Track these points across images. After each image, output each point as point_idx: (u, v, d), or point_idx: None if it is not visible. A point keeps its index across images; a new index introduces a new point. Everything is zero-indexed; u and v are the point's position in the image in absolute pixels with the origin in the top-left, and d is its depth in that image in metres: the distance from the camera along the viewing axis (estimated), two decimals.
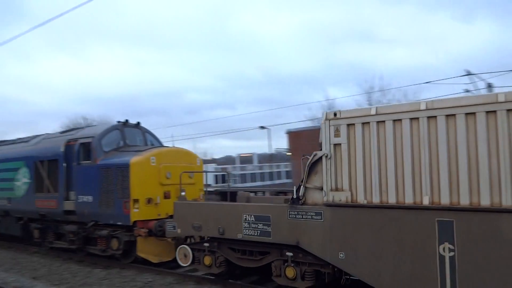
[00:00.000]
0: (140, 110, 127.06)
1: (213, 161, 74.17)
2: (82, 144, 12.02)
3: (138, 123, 13.07)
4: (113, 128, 12.34)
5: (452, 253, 6.00)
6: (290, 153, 54.21)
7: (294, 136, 34.98)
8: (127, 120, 12.71)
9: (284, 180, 65.52)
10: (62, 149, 12.47)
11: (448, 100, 6.25)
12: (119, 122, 12.75)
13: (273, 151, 74.04)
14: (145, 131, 13.21)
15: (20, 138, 16.30)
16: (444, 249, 6.04)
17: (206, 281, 9.26)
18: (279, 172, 70.26)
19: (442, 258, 6.07)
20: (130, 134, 12.64)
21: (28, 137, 15.65)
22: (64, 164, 12.35)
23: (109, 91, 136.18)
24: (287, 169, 66.96)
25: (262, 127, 35.47)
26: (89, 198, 11.55)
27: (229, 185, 27.78)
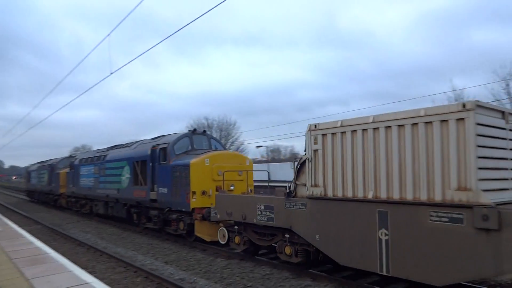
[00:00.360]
0: (254, 109, 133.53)
1: None
2: (161, 148, 15.55)
3: (204, 131, 16.22)
4: (184, 136, 15.66)
5: (387, 237, 7.46)
6: None
7: None
8: (195, 129, 15.93)
9: None
10: (149, 152, 16.24)
11: (386, 114, 7.69)
12: (189, 131, 16.00)
13: None
14: (210, 137, 16.25)
15: (126, 143, 20.89)
16: (381, 234, 7.55)
17: (322, 278, 9.30)
18: None
19: (380, 241, 7.58)
20: (198, 140, 15.80)
21: (131, 142, 20.07)
22: (150, 164, 16.10)
23: (226, 92, 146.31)
24: None
25: None
26: (165, 190, 15.00)
27: None
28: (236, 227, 11.66)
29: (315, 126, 9.13)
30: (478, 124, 6.41)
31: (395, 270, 7.40)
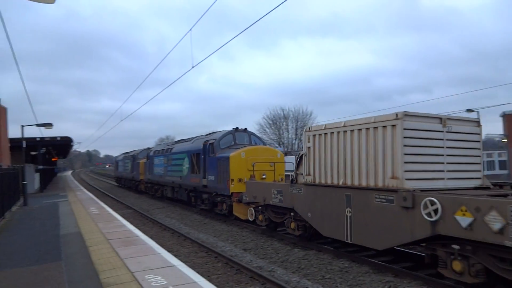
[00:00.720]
0: (330, 98, 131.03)
1: None
2: (210, 143, 18.95)
3: (245, 129, 19.18)
4: (228, 133, 18.88)
5: (350, 214, 9.75)
6: (506, 139, 46.23)
7: None
8: (237, 127, 19.02)
9: (497, 172, 57.02)
10: (201, 146, 19.75)
11: (353, 120, 9.98)
12: (233, 129, 19.07)
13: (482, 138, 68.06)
14: (250, 134, 19.21)
15: (188, 138, 24.73)
16: (347, 211, 9.86)
17: (405, 274, 8.86)
18: (490, 161, 60.34)
19: (346, 217, 9.92)
20: (240, 137, 18.85)
21: (190, 138, 23.85)
22: (202, 156, 19.59)
23: (301, 83, 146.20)
24: (501, 158, 58.01)
25: (470, 110, 31.75)
26: (213, 178, 18.35)
27: None
28: (259, 207, 14.57)
29: (309, 128, 11.61)
30: (405, 129, 8.58)
31: (354, 239, 9.80)
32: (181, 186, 22.88)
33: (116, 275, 7.11)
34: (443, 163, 9.03)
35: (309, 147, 11.58)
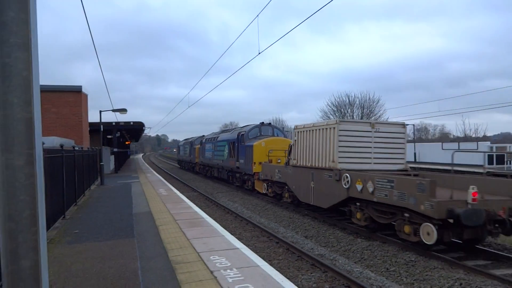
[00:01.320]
0: (397, 85, 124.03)
1: (485, 138, 63.04)
2: (241, 134, 24.44)
3: (270, 123, 24.33)
4: (255, 126, 24.29)
5: (313, 185, 14.49)
6: None
7: None
8: (263, 122, 24.27)
9: None
10: (236, 136, 25.19)
11: (316, 123, 14.84)
12: (260, 123, 24.25)
13: None
14: (274, 127, 24.36)
15: (231, 129, 30.37)
16: (312, 184, 14.61)
17: (476, 272, 8.26)
18: None
19: (311, 187, 14.79)
20: (264, 129, 24.09)
21: (230, 129, 29.56)
22: (236, 144, 25.12)
23: (366, 69, 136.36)
24: None
25: None
26: (242, 161, 23.83)
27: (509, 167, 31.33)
28: (269, 183, 19.65)
29: (296, 126, 16.35)
30: (340, 130, 13.35)
31: (314, 202, 14.81)
32: (223, 167, 28.60)
33: (183, 254, 7.32)
34: (370, 152, 13.56)
35: (295, 140, 16.53)
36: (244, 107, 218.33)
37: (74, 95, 24.28)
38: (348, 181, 12.09)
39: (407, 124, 14.57)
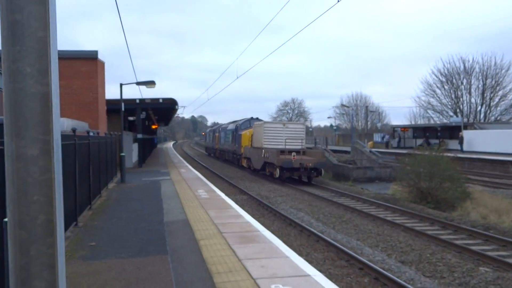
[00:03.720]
0: None
1: None
2: (237, 125, 26.41)
3: (257, 118, 26.25)
4: (247, 120, 26.47)
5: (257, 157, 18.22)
6: None
7: None
8: (252, 117, 26.41)
9: None
10: (234, 127, 27.56)
11: (258, 122, 20.15)
12: (250, 117, 26.62)
13: None
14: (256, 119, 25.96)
15: (234, 121, 32.55)
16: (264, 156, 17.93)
17: None
18: None
19: (260, 159, 18.43)
20: (253, 122, 25.52)
21: (234, 121, 31.72)
22: (234, 133, 26.98)
23: (484, 23, 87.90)
24: None
25: None
26: (237, 145, 26.21)
27: None
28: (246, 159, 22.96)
29: (255, 124, 21.82)
30: (265, 128, 20.24)
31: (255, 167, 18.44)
32: (229, 151, 30.89)
33: (234, 280, 5.35)
34: (283, 139, 19.58)
35: (252, 134, 21.80)
36: (307, 78, 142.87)
37: (87, 64, 16.80)
38: (264, 154, 19.88)
39: None
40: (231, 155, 29.50)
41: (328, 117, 72.53)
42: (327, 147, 30.20)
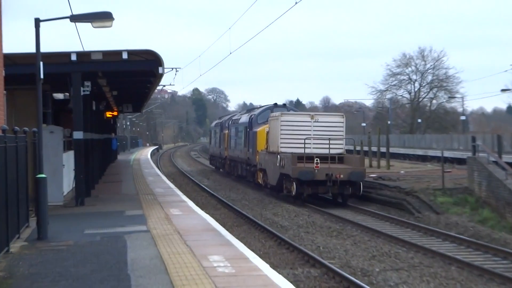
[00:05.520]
0: None
1: None
2: (251, 117, 20.40)
3: (284, 104, 19.51)
4: (267, 108, 19.78)
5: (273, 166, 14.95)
6: None
7: None
8: (276, 103, 19.24)
9: None
10: (247, 121, 20.78)
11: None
12: (273, 104, 19.47)
13: None
14: (290, 109, 19.40)
15: (251, 109, 26.20)
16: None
17: None
18: None
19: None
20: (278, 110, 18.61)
21: (250, 109, 25.35)
22: (247, 129, 20.79)
23: None
24: None
25: None
26: (249, 150, 20.57)
27: None
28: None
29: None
30: (282, 121, 15.25)
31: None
32: (242, 160, 25.36)
33: None
34: (310, 139, 14.64)
35: (267, 131, 17.76)
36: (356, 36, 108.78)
37: None
38: (280, 162, 15.76)
39: None
40: (244, 168, 18.98)
41: (502, 90, 34.81)
42: (501, 157, 13.26)
